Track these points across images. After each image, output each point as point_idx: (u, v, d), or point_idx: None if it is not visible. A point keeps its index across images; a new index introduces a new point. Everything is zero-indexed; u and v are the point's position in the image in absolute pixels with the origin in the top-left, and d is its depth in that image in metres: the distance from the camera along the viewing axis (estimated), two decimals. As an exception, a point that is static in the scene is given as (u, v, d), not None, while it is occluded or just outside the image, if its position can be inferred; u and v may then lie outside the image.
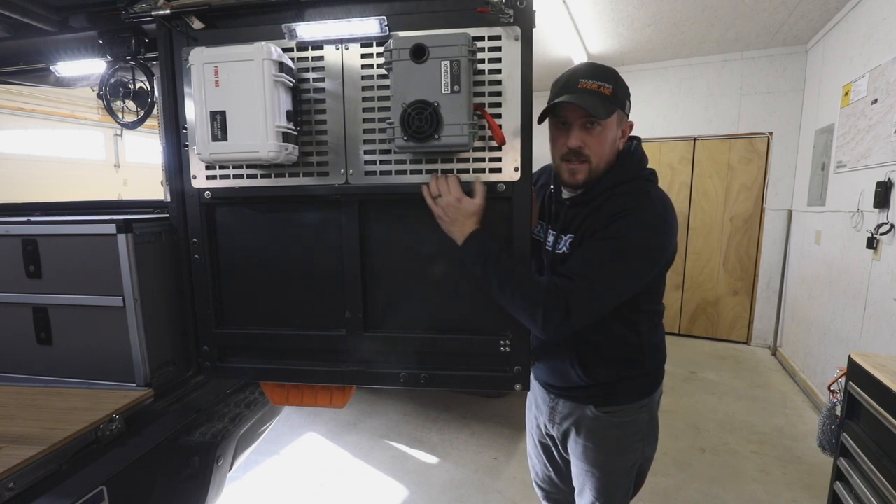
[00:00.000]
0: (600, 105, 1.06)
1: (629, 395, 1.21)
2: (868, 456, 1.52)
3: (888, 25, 2.63)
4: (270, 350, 1.35)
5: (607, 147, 1.11)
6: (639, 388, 1.22)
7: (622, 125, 1.14)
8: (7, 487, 0.92)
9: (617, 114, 1.10)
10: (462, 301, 1.24)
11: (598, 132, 1.09)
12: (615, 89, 1.08)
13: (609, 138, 1.11)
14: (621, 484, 1.24)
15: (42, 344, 1.38)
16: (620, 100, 1.10)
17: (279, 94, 1.12)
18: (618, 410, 1.20)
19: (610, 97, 1.07)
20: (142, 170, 7.53)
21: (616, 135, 1.13)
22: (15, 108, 5.72)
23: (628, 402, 1.21)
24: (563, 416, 1.26)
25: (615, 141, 1.13)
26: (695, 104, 4.58)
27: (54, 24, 1.54)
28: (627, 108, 1.13)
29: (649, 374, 1.24)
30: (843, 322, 2.96)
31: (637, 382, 1.21)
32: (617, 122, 1.11)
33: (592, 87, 1.07)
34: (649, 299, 1.17)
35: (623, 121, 1.14)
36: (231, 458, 1.58)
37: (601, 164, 1.12)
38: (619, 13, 3.45)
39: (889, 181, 2.47)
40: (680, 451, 2.72)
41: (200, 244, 1.31)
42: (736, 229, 4.55)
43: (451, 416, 3.13)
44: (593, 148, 1.10)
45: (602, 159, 1.12)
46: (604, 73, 1.09)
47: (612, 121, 1.09)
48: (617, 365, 1.19)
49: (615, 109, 1.08)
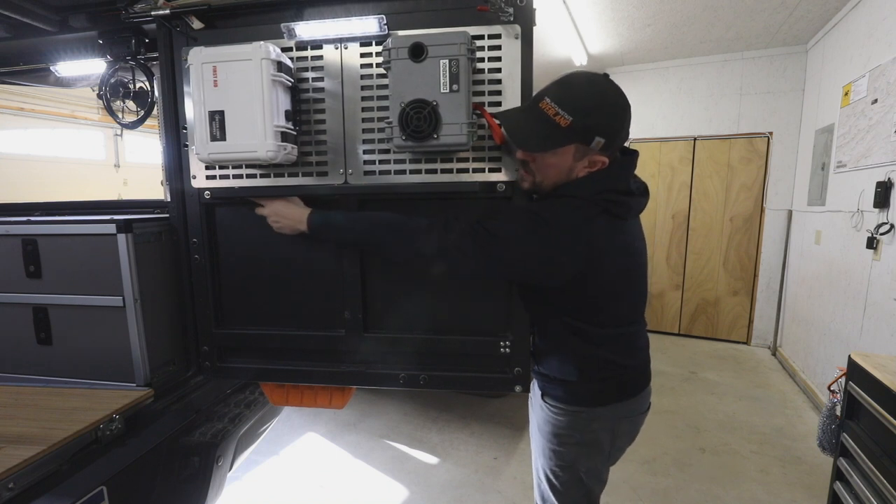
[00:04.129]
0: (542, 133, 0.98)
1: (561, 397, 1.17)
2: (868, 456, 1.52)
3: (888, 25, 2.63)
4: (270, 350, 1.35)
5: (553, 171, 1.04)
6: (574, 394, 1.15)
7: (587, 156, 1.02)
8: (7, 487, 0.92)
9: (574, 147, 1.00)
10: (462, 302, 1.24)
11: (546, 155, 1.03)
12: (576, 122, 0.96)
13: (557, 164, 1.03)
14: (560, 482, 1.21)
15: (42, 344, 1.38)
16: (580, 133, 0.98)
17: (278, 93, 1.12)
18: (554, 406, 1.18)
19: (564, 129, 0.97)
20: (142, 170, 7.54)
21: (570, 164, 1.03)
22: (15, 108, 5.73)
23: (563, 403, 1.16)
24: (534, 394, 1.30)
25: (570, 169, 1.04)
26: (695, 104, 4.58)
27: (54, 24, 1.54)
28: (597, 143, 0.99)
29: (587, 389, 1.15)
30: (843, 322, 2.96)
31: (574, 388, 1.15)
32: (574, 152, 1.01)
33: (549, 112, 0.97)
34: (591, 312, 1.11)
35: (588, 153, 1.01)
36: (231, 458, 1.58)
37: (545, 182, 1.07)
38: (619, 13, 3.45)
39: (889, 181, 2.47)
40: (680, 451, 2.72)
41: (200, 244, 1.31)
42: (736, 229, 4.54)
43: (451, 416, 3.13)
44: (538, 165, 1.05)
45: (547, 179, 1.06)
46: (571, 99, 0.97)
47: (562, 151, 1.01)
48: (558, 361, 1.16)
49: (565, 143, 0.99)
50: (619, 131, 1.01)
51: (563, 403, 1.16)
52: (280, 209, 1.21)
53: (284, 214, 1.20)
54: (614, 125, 1.00)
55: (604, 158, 1.03)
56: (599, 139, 0.98)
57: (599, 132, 0.98)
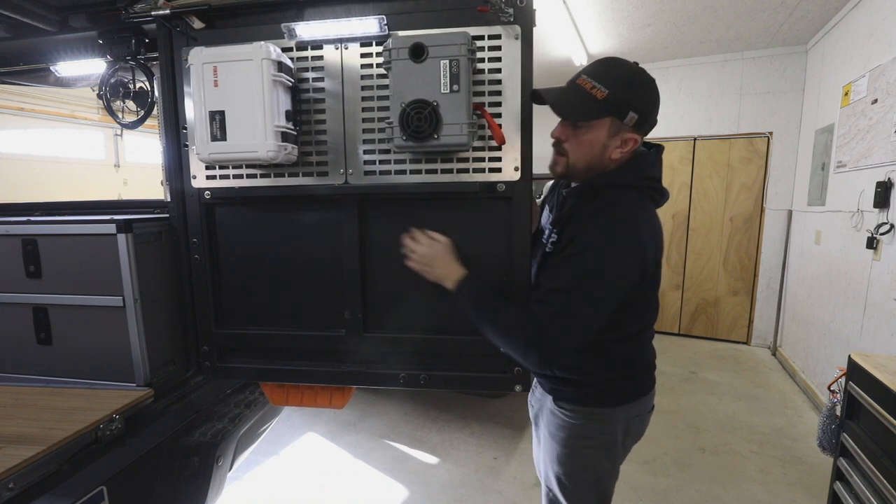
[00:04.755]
0: (579, 106, 1.02)
1: (578, 399, 1.15)
2: (868, 456, 1.52)
3: (888, 25, 2.63)
4: (270, 350, 1.35)
5: (586, 149, 1.06)
6: (592, 395, 1.15)
7: (620, 133, 1.05)
8: (7, 487, 0.92)
9: (610, 121, 1.03)
10: None
11: (582, 131, 1.05)
12: (612, 94, 1.00)
13: (591, 141, 1.05)
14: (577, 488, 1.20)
15: (42, 344, 1.38)
16: (616, 106, 1.01)
17: (278, 93, 1.12)
18: (569, 410, 1.16)
19: (600, 101, 1.00)
20: (142, 170, 7.54)
21: (604, 141, 1.05)
22: (15, 108, 5.73)
23: (577, 404, 1.15)
24: (537, 399, 1.28)
25: (604, 147, 1.06)
26: (695, 104, 4.58)
27: (54, 24, 1.54)
28: (630, 119, 1.02)
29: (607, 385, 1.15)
30: (843, 322, 2.96)
31: (592, 390, 1.15)
32: (608, 128, 1.04)
33: (586, 87, 1.02)
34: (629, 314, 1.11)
35: (622, 129, 1.04)
36: (231, 458, 1.58)
37: (579, 163, 1.08)
38: (619, 13, 3.45)
39: (889, 181, 2.47)
40: (680, 451, 2.72)
41: (200, 244, 1.31)
42: (736, 229, 4.55)
43: (451, 416, 3.13)
44: (572, 144, 1.07)
45: (580, 159, 1.08)
46: (608, 75, 1.02)
47: (599, 125, 1.04)
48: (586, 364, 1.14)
49: (599, 116, 1.02)
50: (651, 110, 1.05)
51: (580, 406, 1.15)
52: (433, 260, 1.15)
53: (435, 266, 1.14)
54: (647, 102, 1.04)
55: (636, 136, 1.06)
56: (633, 115, 1.02)
57: (633, 107, 1.02)
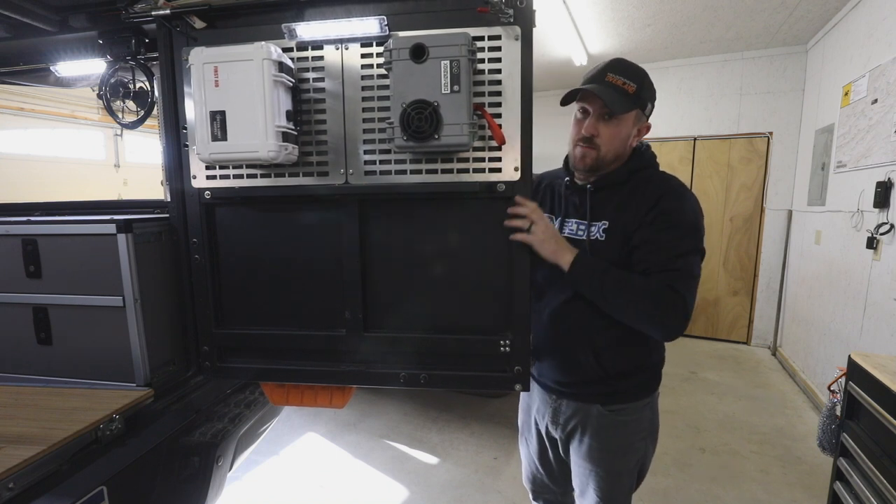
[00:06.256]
0: (619, 100, 1.11)
1: (636, 393, 1.22)
2: (868, 456, 1.52)
3: (888, 25, 2.63)
4: (270, 350, 1.35)
5: (618, 141, 1.16)
6: (644, 384, 1.24)
7: (639, 124, 1.19)
8: (7, 487, 0.92)
9: (635, 112, 1.15)
10: (462, 301, 1.24)
11: (613, 125, 1.14)
12: (639, 89, 1.13)
13: (622, 133, 1.16)
14: (624, 483, 1.25)
15: (42, 344, 1.38)
16: (642, 100, 1.15)
17: (279, 93, 1.12)
18: (623, 409, 1.21)
19: (632, 95, 1.12)
20: (142, 170, 7.54)
21: (630, 132, 1.18)
22: (15, 108, 5.73)
23: (634, 399, 1.22)
24: (568, 416, 1.26)
25: (629, 137, 1.18)
26: (695, 104, 4.58)
27: (54, 24, 1.54)
28: (648, 110, 1.18)
29: (655, 370, 1.26)
30: (843, 322, 2.96)
31: (644, 377, 1.23)
32: (634, 119, 1.17)
33: (617, 83, 1.12)
34: None
35: (641, 120, 1.19)
36: (231, 458, 1.58)
37: (609, 154, 1.17)
38: (619, 13, 3.45)
39: (889, 181, 2.47)
40: (680, 451, 2.72)
41: (200, 244, 1.31)
42: (736, 229, 4.55)
43: (451, 416, 3.13)
44: (604, 138, 1.15)
45: (611, 151, 1.17)
46: (632, 72, 1.14)
47: (628, 117, 1.15)
48: (630, 354, 1.20)
49: (634, 108, 1.14)
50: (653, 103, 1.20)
51: (635, 400, 1.22)
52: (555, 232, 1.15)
53: (556, 238, 1.14)
54: (654, 95, 1.20)
55: (648, 124, 1.21)
56: (651, 106, 1.19)
57: (651, 99, 1.18)
